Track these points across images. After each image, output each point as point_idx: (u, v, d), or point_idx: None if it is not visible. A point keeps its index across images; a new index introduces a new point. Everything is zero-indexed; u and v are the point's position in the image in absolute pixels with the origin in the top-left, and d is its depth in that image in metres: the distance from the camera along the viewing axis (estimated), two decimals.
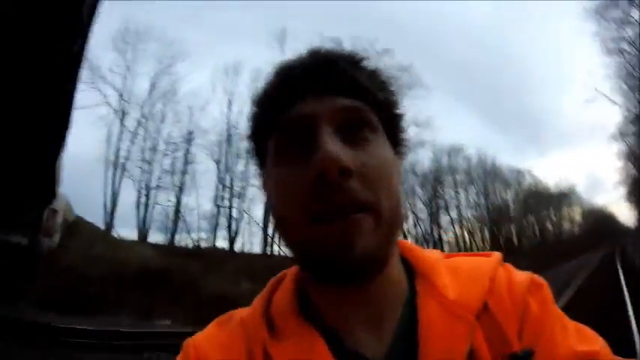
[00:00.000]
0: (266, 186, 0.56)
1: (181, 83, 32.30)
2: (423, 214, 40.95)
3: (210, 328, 0.58)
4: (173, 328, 11.40)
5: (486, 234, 49.68)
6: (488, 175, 50.50)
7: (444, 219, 43.94)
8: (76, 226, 17.55)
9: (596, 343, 0.52)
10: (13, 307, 9.95)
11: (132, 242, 22.77)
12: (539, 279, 0.57)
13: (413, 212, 39.65)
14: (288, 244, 0.52)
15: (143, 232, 28.65)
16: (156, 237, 29.04)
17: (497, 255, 0.59)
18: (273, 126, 0.52)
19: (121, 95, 29.04)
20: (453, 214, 45.26)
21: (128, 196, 29.69)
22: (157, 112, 30.86)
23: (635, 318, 7.23)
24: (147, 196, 29.68)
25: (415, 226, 39.98)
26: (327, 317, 0.53)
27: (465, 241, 46.50)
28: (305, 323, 0.52)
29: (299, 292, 0.56)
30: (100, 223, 24.51)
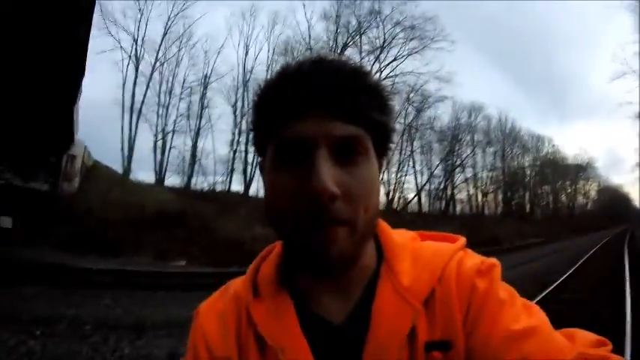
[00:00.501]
0: (264, 178, 0.61)
1: (196, 26, 31.70)
2: (438, 170, 40.28)
3: (213, 297, 0.69)
4: (188, 269, 11.94)
5: (499, 197, 49.09)
6: (507, 138, 49.41)
7: (459, 177, 43.32)
8: (95, 171, 18.05)
9: (537, 318, 0.57)
10: (36, 249, 10.50)
11: (149, 186, 23.36)
12: (490, 261, 0.63)
13: (428, 168, 39.03)
14: (280, 238, 0.62)
15: (160, 176, 29.30)
16: (172, 180, 29.60)
17: (461, 241, 0.67)
18: (271, 135, 0.58)
19: (135, 40, 28.99)
20: (469, 173, 44.53)
21: (145, 140, 30.14)
22: (172, 56, 30.76)
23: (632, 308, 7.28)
24: (163, 140, 30.17)
25: (429, 182, 39.38)
26: (303, 287, 0.63)
27: (477, 202, 46.17)
28: (281, 289, 0.63)
29: (283, 263, 0.67)
30: (118, 168, 25.34)
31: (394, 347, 0.56)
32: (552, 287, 9.45)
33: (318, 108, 0.55)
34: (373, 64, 31.24)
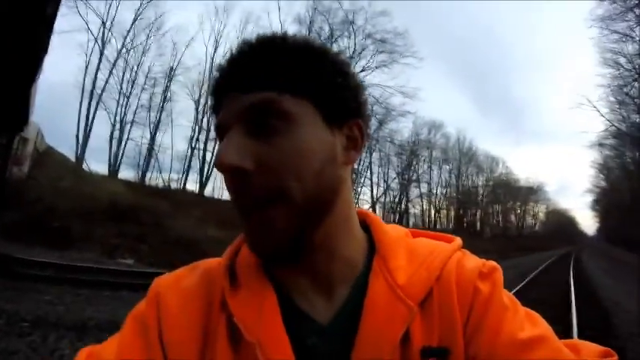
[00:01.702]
0: None
1: (168, 16, 31.11)
2: (394, 183, 41.40)
3: (178, 271, 0.61)
4: (135, 268, 11.60)
5: (452, 214, 50.92)
6: (464, 157, 51.54)
7: (414, 192, 44.65)
8: (47, 156, 17.29)
9: (541, 327, 0.54)
10: None
11: (102, 177, 22.50)
12: (491, 264, 0.59)
13: (385, 180, 39.99)
14: None
15: (114, 168, 28.44)
16: (126, 174, 28.97)
17: (457, 241, 0.62)
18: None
19: (103, 23, 28.11)
20: (424, 188, 46.05)
21: (102, 129, 29.22)
22: (140, 44, 30.10)
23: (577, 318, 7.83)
24: (121, 130, 29.34)
25: (384, 194, 40.33)
26: (286, 278, 0.57)
27: (430, 217, 47.75)
28: (263, 278, 0.56)
29: None
30: (71, 155, 24.48)
31: (386, 351, 0.51)
32: None
33: (234, 89, 0.53)
34: None
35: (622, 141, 29.87)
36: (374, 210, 38.16)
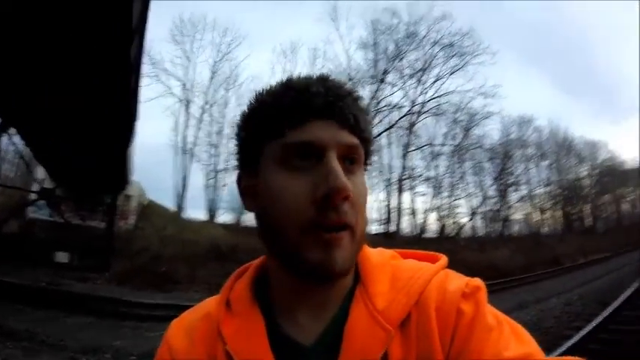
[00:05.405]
0: (259, 186, 0.60)
1: (241, 67, 32.94)
2: (492, 191, 38.08)
3: (185, 313, 0.69)
4: None
5: (558, 213, 45.87)
6: (561, 149, 46.33)
7: (514, 196, 40.65)
8: (149, 209, 18.79)
9: (528, 345, 0.55)
10: (88, 283, 10.86)
11: (201, 222, 23.91)
12: (475, 283, 0.60)
13: (481, 189, 37.15)
14: (278, 243, 0.58)
15: (212, 213, 29.89)
16: (224, 217, 30.16)
17: (442, 261, 0.65)
18: (277, 134, 0.57)
19: (184, 85, 30.33)
20: (524, 190, 41.84)
21: (197, 179, 31.18)
22: (220, 98, 31.87)
23: None
24: (215, 178, 30.88)
25: (482, 204, 37.23)
26: (278, 305, 0.62)
27: (535, 220, 43.21)
28: (253, 307, 0.62)
29: (259, 281, 0.66)
30: (172, 206, 26.14)
31: None
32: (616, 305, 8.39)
33: (328, 116, 0.57)
34: (417, 88, 31.01)
35: None
36: (473, 222, 36.29)
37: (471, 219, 35.89)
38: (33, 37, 5.87)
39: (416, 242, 24.99)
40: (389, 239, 24.62)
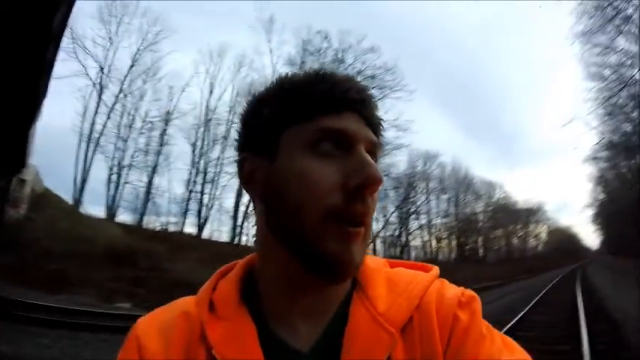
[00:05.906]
0: (275, 169, 0.57)
1: (164, 62, 31.38)
2: (393, 217, 40.95)
3: (156, 311, 0.63)
4: (133, 311, 11.33)
5: (453, 243, 50.30)
6: (461, 185, 50.97)
7: (414, 224, 44.23)
8: (44, 199, 17.09)
9: (520, 353, 0.56)
10: None
11: (99, 220, 22.29)
12: (470, 293, 0.61)
13: (384, 215, 39.40)
14: (295, 231, 0.55)
15: (111, 211, 28.19)
16: (124, 217, 28.61)
17: (435, 270, 0.64)
18: (307, 118, 0.56)
19: (101, 68, 28.43)
20: (423, 219, 45.61)
21: (99, 172, 29.10)
22: (137, 89, 30.31)
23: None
24: (118, 174, 29.20)
25: (384, 228, 39.77)
26: (269, 307, 0.59)
27: (432, 248, 47.22)
28: (242, 309, 0.58)
29: (245, 281, 0.62)
30: (69, 198, 24.15)
31: None
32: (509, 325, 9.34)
33: (360, 111, 0.58)
34: None
35: (616, 151, 29.99)
36: (374, 245, 37.86)
37: (372, 242, 37.39)
38: None
39: None
40: None
